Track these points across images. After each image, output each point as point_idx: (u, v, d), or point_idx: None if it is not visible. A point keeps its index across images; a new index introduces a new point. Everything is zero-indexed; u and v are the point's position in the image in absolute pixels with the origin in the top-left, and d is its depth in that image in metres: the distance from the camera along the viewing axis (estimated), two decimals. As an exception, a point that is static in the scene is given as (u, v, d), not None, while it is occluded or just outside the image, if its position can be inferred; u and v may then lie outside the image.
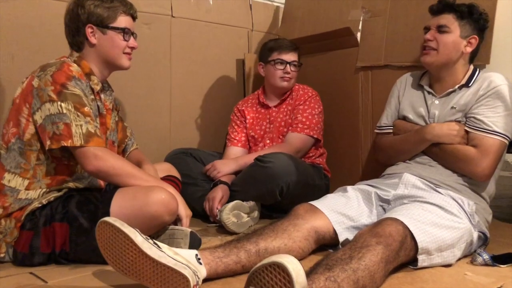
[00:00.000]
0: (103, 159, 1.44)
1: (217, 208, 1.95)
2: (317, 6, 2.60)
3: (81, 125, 1.44)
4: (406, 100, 1.85)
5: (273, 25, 2.97)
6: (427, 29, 1.77)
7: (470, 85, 1.70)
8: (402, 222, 1.35)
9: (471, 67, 1.76)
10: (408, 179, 1.66)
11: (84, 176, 1.57)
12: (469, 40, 1.71)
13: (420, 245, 1.35)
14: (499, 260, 1.47)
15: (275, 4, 3.07)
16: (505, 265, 1.46)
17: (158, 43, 2.46)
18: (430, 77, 1.82)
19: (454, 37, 1.71)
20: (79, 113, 1.45)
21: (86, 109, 1.47)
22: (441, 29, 1.72)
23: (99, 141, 1.46)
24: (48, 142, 1.43)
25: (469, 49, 1.72)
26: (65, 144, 1.42)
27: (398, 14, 2.17)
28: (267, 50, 2.33)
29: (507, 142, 1.62)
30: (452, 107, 1.70)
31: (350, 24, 2.33)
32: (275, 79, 2.29)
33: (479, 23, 1.73)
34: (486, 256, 1.47)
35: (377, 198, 1.67)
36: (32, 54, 2.00)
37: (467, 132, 1.65)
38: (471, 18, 1.71)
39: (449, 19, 1.71)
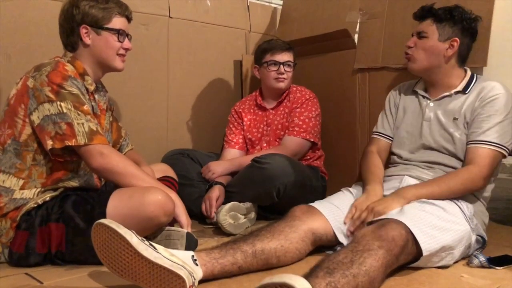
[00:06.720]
0: (109, 157, 1.45)
1: (215, 209, 1.95)
2: (315, 8, 2.60)
3: (82, 124, 1.44)
4: (401, 106, 1.84)
5: (270, 27, 2.98)
6: (412, 35, 1.76)
7: (467, 92, 1.67)
8: (405, 226, 1.33)
9: (468, 72, 1.72)
10: (409, 182, 1.65)
11: (80, 175, 1.57)
12: (450, 42, 1.67)
13: (423, 246, 1.34)
14: (495, 262, 1.46)
15: (273, 5, 3.08)
16: (501, 267, 1.45)
17: (156, 44, 2.46)
18: (425, 82, 1.80)
19: (432, 41, 1.68)
20: (79, 112, 1.45)
21: (85, 107, 1.47)
22: (420, 35, 1.71)
23: (102, 139, 1.47)
24: (50, 142, 1.43)
25: (450, 52, 1.67)
26: (69, 144, 1.42)
27: (396, 16, 2.17)
28: (260, 52, 2.33)
29: (502, 151, 1.58)
30: (455, 118, 1.66)
31: (347, 26, 2.33)
32: (270, 81, 2.29)
33: (462, 24, 1.67)
34: (482, 258, 1.47)
35: None
36: (29, 55, 1.99)
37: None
38: (451, 20, 1.67)
39: (427, 24, 1.70)
